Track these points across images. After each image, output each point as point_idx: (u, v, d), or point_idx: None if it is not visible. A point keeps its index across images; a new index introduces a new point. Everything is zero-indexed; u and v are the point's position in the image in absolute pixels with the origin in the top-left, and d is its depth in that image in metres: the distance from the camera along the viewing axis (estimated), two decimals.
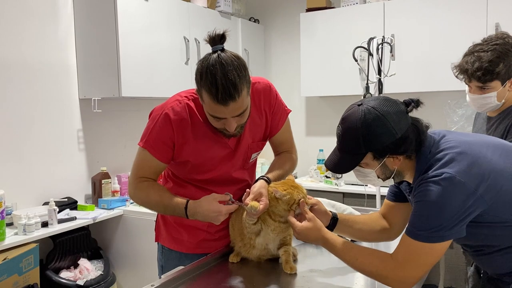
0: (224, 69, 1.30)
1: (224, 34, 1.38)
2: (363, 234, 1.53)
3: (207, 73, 1.31)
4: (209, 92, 1.32)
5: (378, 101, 1.22)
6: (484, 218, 1.17)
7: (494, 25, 3.09)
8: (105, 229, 3.00)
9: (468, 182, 1.12)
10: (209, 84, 1.30)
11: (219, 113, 1.36)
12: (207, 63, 1.32)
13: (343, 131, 1.24)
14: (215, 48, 1.36)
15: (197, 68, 1.36)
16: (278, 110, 1.64)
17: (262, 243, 1.49)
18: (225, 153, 1.55)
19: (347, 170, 1.27)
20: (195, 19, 3.45)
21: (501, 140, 1.32)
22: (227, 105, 1.32)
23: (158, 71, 3.12)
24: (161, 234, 1.72)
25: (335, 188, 3.48)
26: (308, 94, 4.03)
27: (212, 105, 1.34)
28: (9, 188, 2.46)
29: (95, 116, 3.05)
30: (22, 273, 2.27)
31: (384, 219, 1.52)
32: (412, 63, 3.41)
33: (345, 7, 3.73)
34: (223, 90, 1.29)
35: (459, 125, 3.07)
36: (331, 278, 1.42)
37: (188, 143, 1.49)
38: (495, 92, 1.75)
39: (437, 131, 1.30)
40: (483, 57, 1.71)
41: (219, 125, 1.43)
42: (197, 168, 1.55)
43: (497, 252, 1.25)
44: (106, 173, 2.99)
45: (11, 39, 2.61)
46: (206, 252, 1.62)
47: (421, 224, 1.16)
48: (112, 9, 2.80)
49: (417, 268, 1.19)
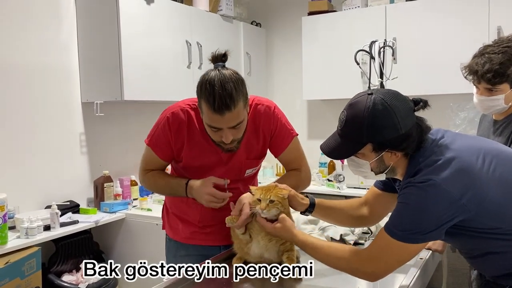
0: (222, 82, 1.40)
1: (226, 53, 1.48)
2: (340, 219, 1.58)
3: (206, 85, 1.41)
4: (207, 101, 1.41)
5: (389, 94, 1.21)
6: (470, 224, 1.17)
7: (496, 28, 3.08)
8: (107, 233, 2.99)
9: (453, 190, 1.12)
10: (207, 94, 1.40)
11: (216, 122, 1.44)
12: (208, 76, 1.43)
13: (348, 116, 1.22)
14: (217, 65, 1.47)
15: (199, 81, 1.46)
16: (280, 133, 1.67)
17: (256, 253, 1.49)
18: (216, 162, 1.62)
19: (342, 157, 1.28)
20: (197, 23, 3.45)
21: (500, 146, 1.31)
22: (223, 115, 1.40)
23: (160, 74, 3.13)
24: (165, 223, 1.84)
25: (337, 191, 3.47)
26: (310, 98, 4.03)
27: (209, 114, 1.43)
28: (12, 192, 2.46)
29: (97, 119, 3.05)
30: (24, 276, 2.27)
31: (366, 205, 1.53)
32: (414, 66, 3.41)
33: (347, 10, 3.73)
34: (219, 100, 1.38)
35: (461, 128, 3.06)
36: (333, 282, 1.41)
37: (183, 148, 1.60)
38: (503, 94, 1.74)
39: (435, 131, 1.30)
40: (493, 59, 1.69)
41: (217, 137, 1.50)
42: (194, 172, 1.63)
43: (489, 255, 1.25)
44: (108, 176, 2.99)
45: (14, 43, 2.62)
46: (200, 244, 1.71)
47: (400, 224, 1.18)
48: (115, 13, 2.81)
49: (388, 263, 1.21)
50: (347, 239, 1.75)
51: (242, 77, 1.48)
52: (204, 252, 1.66)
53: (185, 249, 1.74)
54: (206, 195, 1.51)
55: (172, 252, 1.80)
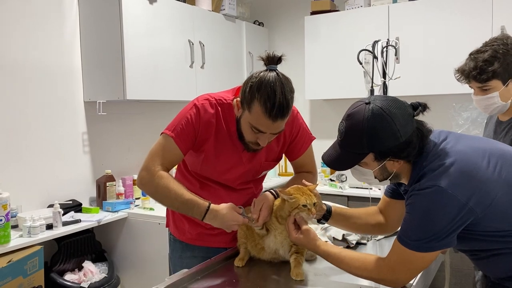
0: (283, 88, 1.37)
1: (281, 57, 1.46)
2: (357, 227, 1.57)
3: (267, 87, 1.37)
4: (264, 105, 1.37)
5: (387, 101, 1.19)
6: (477, 228, 1.17)
7: (499, 28, 3.07)
8: (109, 232, 3.00)
9: (459, 195, 1.11)
10: (266, 97, 1.36)
11: (264, 127, 1.41)
12: (266, 78, 1.38)
13: (347, 128, 1.22)
14: (272, 67, 1.43)
15: (253, 79, 1.41)
16: (301, 138, 1.67)
17: (271, 247, 1.50)
18: (236, 161, 1.59)
19: (345, 168, 1.28)
20: (200, 22, 3.45)
21: (504, 146, 1.30)
22: (275, 122, 1.39)
23: (163, 74, 3.13)
24: (170, 222, 1.79)
25: (340, 191, 3.47)
26: (312, 97, 4.03)
27: (261, 117, 1.39)
28: (14, 191, 2.47)
29: (100, 118, 3.06)
30: (26, 275, 2.27)
31: (381, 213, 1.53)
32: (417, 66, 3.40)
33: (350, 10, 3.73)
34: (278, 107, 1.35)
35: (464, 128, 3.05)
36: (335, 281, 1.41)
37: (208, 142, 1.55)
38: (496, 92, 1.74)
39: (438, 133, 1.29)
40: (479, 58, 1.73)
41: (252, 137, 1.48)
42: (209, 165, 1.59)
43: (496, 256, 1.24)
44: (110, 175, 2.99)
45: (17, 42, 2.62)
46: (206, 245, 1.67)
47: (412, 234, 1.17)
48: (117, 12, 2.81)
49: (408, 272, 1.22)
50: (350, 239, 1.75)
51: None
52: (210, 254, 1.62)
53: (191, 250, 1.70)
54: (231, 221, 1.45)
55: (177, 253, 1.76)
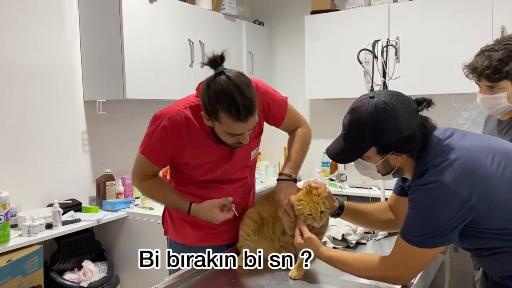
0: (239, 89, 1.34)
1: (223, 54, 1.39)
2: (369, 223, 1.59)
3: (224, 95, 1.35)
4: (228, 113, 1.35)
5: (391, 96, 1.21)
6: (479, 225, 1.17)
7: (499, 27, 3.07)
8: (109, 231, 2.99)
9: (461, 191, 1.12)
10: (228, 105, 1.34)
11: (238, 130, 1.41)
12: (219, 85, 1.35)
13: (350, 121, 1.23)
14: (218, 70, 1.39)
15: (208, 90, 1.38)
16: (274, 104, 1.66)
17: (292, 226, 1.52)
18: (222, 156, 1.59)
19: (348, 161, 1.29)
20: (200, 22, 3.45)
21: (508, 145, 1.30)
22: (247, 121, 1.38)
23: (163, 73, 3.13)
24: (169, 228, 1.79)
25: (340, 190, 3.46)
26: (312, 97, 4.03)
27: (231, 124, 1.38)
28: (14, 190, 2.47)
29: (99, 118, 3.05)
30: (26, 274, 2.27)
31: (391, 210, 1.54)
32: (417, 65, 3.40)
33: (350, 9, 3.73)
34: (244, 109, 1.34)
35: (464, 127, 3.05)
36: (335, 281, 1.41)
37: (186, 149, 1.55)
38: (505, 92, 1.73)
39: (443, 130, 1.29)
40: (493, 56, 1.70)
41: (232, 140, 1.47)
42: (197, 169, 1.60)
43: (499, 254, 1.24)
44: (110, 175, 2.99)
45: (17, 42, 2.62)
46: (210, 245, 1.67)
47: (414, 229, 1.18)
48: (117, 11, 2.81)
49: (411, 269, 1.23)
50: (349, 239, 1.75)
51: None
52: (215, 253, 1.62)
53: (194, 251, 1.66)
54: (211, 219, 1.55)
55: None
